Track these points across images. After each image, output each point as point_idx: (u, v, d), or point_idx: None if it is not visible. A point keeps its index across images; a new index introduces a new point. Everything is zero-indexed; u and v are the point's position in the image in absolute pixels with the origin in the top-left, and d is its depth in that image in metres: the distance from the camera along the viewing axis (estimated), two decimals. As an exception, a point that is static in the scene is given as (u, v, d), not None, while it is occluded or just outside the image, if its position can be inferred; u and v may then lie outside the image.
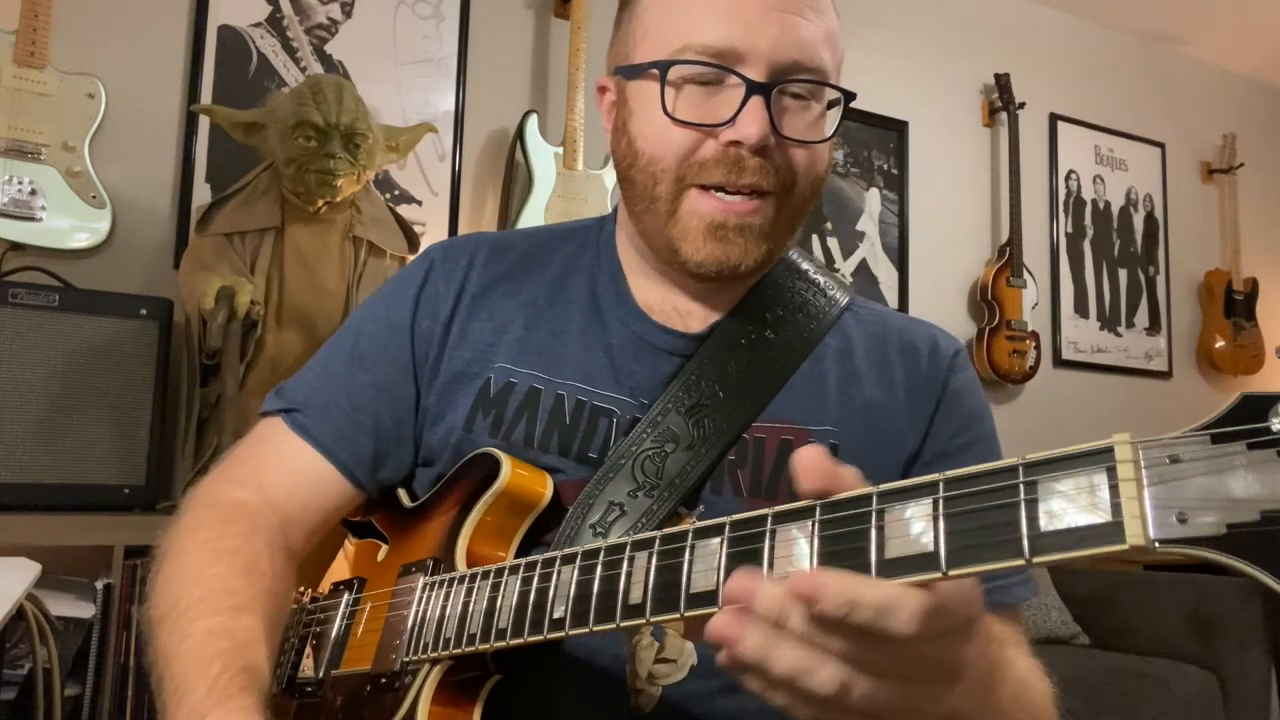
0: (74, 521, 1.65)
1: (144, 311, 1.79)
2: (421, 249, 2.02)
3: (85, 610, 1.62)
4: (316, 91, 1.82)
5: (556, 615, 0.59)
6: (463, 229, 2.44)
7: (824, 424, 0.76)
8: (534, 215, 2.36)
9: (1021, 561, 0.41)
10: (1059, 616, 2.77)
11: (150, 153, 2.10)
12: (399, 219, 2.02)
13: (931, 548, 0.44)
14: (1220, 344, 3.67)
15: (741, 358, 0.77)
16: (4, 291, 1.69)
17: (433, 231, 2.38)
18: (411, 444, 0.83)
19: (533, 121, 2.42)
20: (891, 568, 0.45)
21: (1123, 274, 3.59)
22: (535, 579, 0.62)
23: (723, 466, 0.74)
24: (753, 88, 0.70)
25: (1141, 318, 3.60)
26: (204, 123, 2.14)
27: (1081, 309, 3.46)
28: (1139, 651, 2.69)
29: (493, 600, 0.64)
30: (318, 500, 0.81)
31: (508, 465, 0.73)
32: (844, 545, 0.47)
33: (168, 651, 0.68)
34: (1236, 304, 3.71)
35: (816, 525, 0.48)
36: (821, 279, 0.84)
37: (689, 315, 0.81)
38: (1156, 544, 0.38)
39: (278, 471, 0.81)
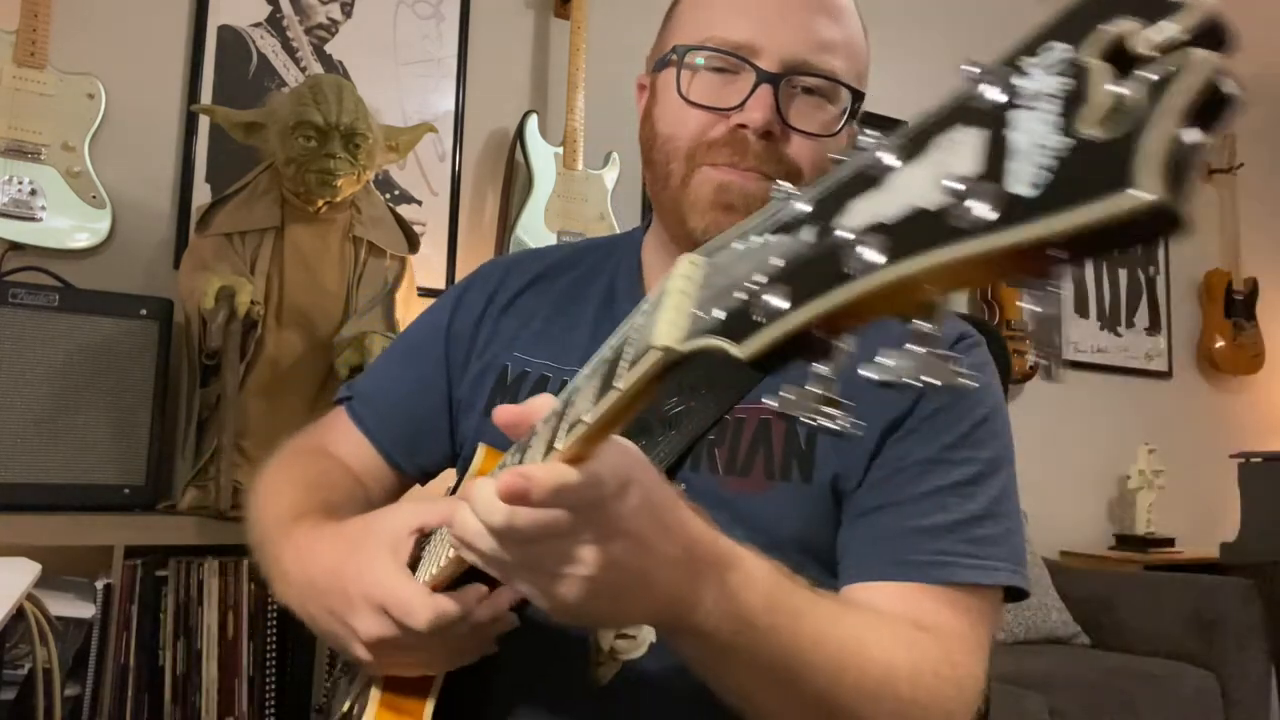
0: (74, 521, 1.65)
1: (144, 311, 1.79)
2: (421, 249, 2.04)
3: (85, 610, 1.62)
4: (316, 91, 1.82)
5: None
6: (463, 229, 2.44)
7: None
8: (534, 215, 2.36)
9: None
10: (1059, 617, 2.77)
11: (150, 153, 2.10)
12: (399, 219, 2.02)
13: None
14: (1220, 344, 3.67)
15: None
16: (4, 291, 1.69)
17: (433, 231, 2.37)
18: (447, 434, 0.91)
19: (533, 121, 2.42)
20: None
21: (1123, 274, 3.59)
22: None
23: (703, 445, 0.77)
24: (763, 77, 0.76)
25: (1141, 318, 3.60)
26: (204, 123, 2.13)
27: (1081, 309, 3.46)
28: (1139, 651, 2.69)
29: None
30: (366, 476, 0.92)
31: (481, 453, 0.76)
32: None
33: (279, 563, 0.76)
34: (1236, 304, 3.71)
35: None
36: None
37: None
38: (676, 347, 0.39)
39: (337, 446, 0.93)
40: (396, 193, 2.36)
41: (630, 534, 0.51)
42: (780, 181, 0.37)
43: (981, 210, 0.27)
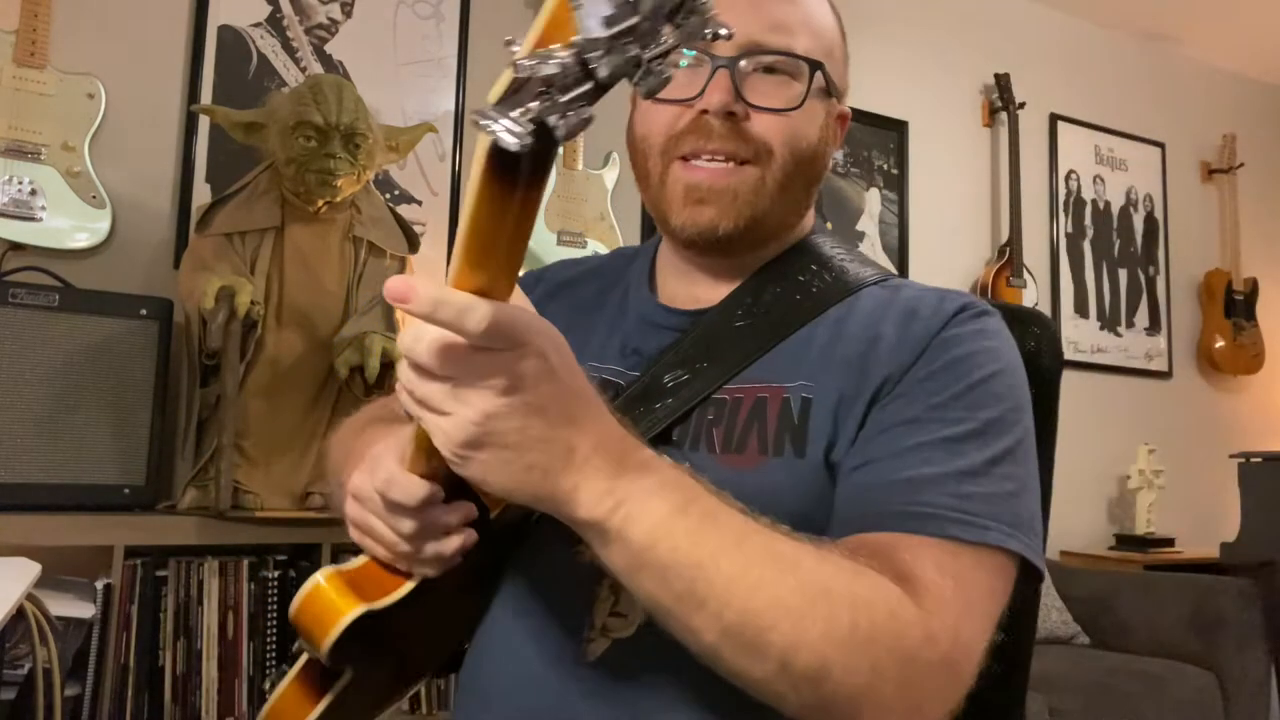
0: (74, 521, 1.65)
1: (144, 311, 1.79)
2: (421, 249, 2.04)
3: (85, 610, 1.62)
4: (316, 91, 1.82)
5: None
6: (463, 229, 2.44)
7: (798, 380, 0.77)
8: (534, 215, 2.36)
9: None
10: (1059, 616, 2.77)
11: (150, 153, 2.10)
12: (399, 219, 2.02)
13: None
14: (1220, 344, 3.67)
15: (731, 330, 0.81)
16: (4, 291, 1.69)
17: (433, 231, 2.37)
18: None
19: (533, 121, 2.42)
20: None
21: (1123, 274, 3.59)
22: None
23: (702, 425, 0.77)
24: (717, 63, 0.78)
25: (1141, 318, 3.60)
26: (204, 123, 2.13)
27: (1081, 309, 3.46)
28: (1139, 651, 2.69)
29: None
30: None
31: None
32: None
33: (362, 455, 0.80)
34: (1236, 304, 3.71)
35: None
36: (845, 264, 0.86)
37: (700, 301, 0.85)
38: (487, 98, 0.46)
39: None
40: (396, 193, 2.36)
41: (524, 396, 0.55)
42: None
43: None
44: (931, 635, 0.62)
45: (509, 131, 0.44)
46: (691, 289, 0.86)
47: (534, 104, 0.44)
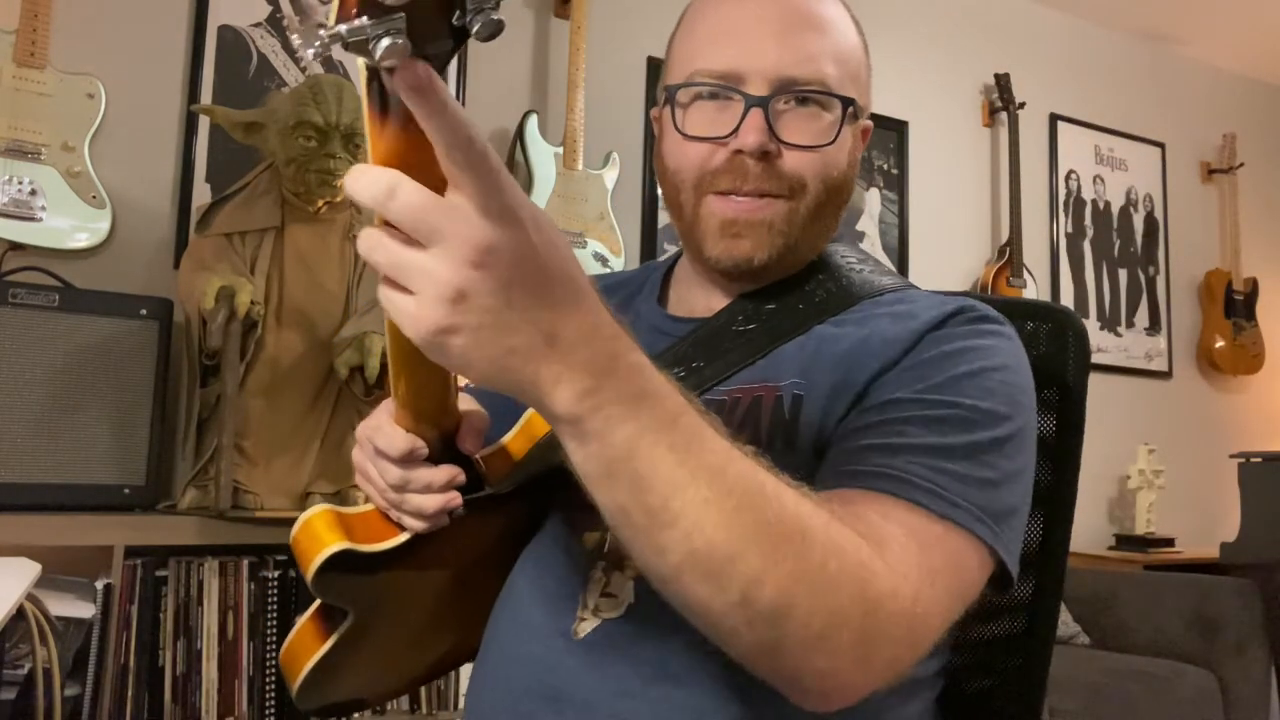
0: (74, 521, 1.65)
1: (144, 311, 1.79)
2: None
3: (85, 610, 1.62)
4: (316, 91, 1.82)
5: None
6: (463, 229, 2.44)
7: (791, 379, 0.78)
8: (534, 215, 2.36)
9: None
10: (1059, 616, 2.78)
11: (150, 153, 2.10)
12: (399, 219, 2.02)
13: None
14: (1220, 344, 3.67)
15: (730, 333, 0.83)
16: (4, 291, 1.70)
17: (433, 231, 2.37)
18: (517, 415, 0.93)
19: (533, 121, 2.42)
20: None
21: (1123, 274, 3.59)
22: None
23: None
24: (751, 101, 0.78)
25: (1141, 318, 3.60)
26: (204, 123, 2.13)
27: (1081, 309, 3.46)
28: (1139, 651, 2.69)
29: None
30: None
31: (520, 424, 0.83)
32: None
33: None
34: (1236, 304, 3.71)
35: None
36: (853, 274, 0.86)
37: (713, 311, 0.86)
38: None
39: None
40: (396, 193, 2.36)
41: (498, 270, 0.50)
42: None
43: None
44: (895, 590, 0.61)
45: (311, 47, 0.47)
46: (708, 300, 0.87)
47: (342, 26, 0.45)
